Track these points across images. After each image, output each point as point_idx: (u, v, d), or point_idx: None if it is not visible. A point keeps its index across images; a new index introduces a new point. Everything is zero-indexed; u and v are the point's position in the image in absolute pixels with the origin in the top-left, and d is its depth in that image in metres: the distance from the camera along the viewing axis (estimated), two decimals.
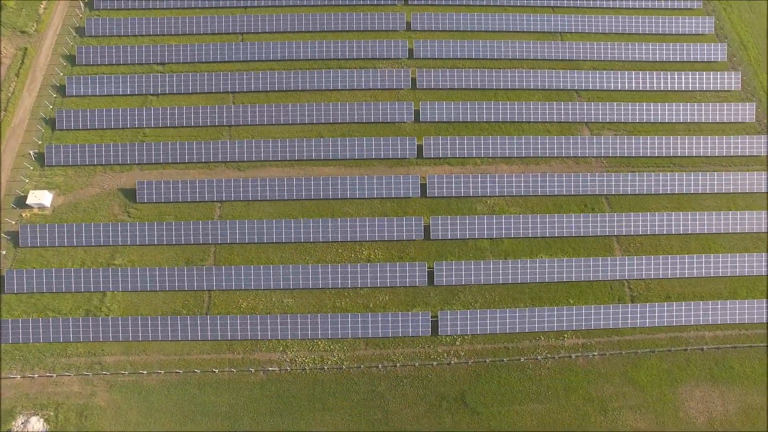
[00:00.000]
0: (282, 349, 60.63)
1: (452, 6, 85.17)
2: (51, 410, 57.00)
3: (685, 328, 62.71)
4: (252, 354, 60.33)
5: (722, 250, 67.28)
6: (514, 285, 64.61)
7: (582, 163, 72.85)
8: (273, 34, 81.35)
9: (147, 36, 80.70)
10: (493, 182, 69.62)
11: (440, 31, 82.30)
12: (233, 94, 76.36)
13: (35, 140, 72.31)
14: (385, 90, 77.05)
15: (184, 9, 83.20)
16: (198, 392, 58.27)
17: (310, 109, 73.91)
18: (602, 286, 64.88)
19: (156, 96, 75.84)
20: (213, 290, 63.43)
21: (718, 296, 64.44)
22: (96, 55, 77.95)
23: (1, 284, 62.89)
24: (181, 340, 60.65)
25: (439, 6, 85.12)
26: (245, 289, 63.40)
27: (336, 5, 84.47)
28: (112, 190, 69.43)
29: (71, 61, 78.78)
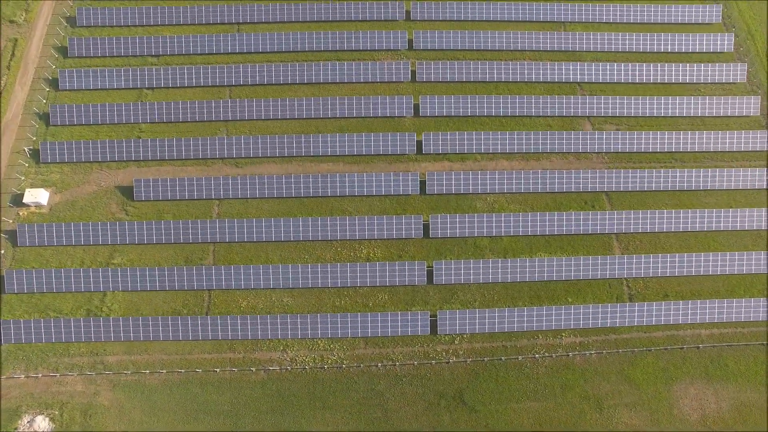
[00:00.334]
0: (282, 349, 61.25)
1: None
2: (56, 409, 57.91)
3: (682, 327, 63.27)
4: (253, 353, 60.96)
5: (721, 248, 67.31)
6: (513, 284, 64.86)
7: (583, 159, 72.17)
8: (269, 24, 79.40)
9: (140, 26, 78.74)
10: (493, 179, 69.10)
11: (440, 21, 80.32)
12: (230, 88, 75.00)
13: (29, 136, 71.38)
14: (384, 83, 75.68)
15: None
16: (200, 391, 59.13)
17: (308, 104, 72.73)
18: (601, 285, 65.16)
19: (151, 90, 74.50)
20: (213, 290, 63.66)
21: (716, 294, 64.79)
22: (88, 47, 76.22)
23: (1, 284, 63.05)
24: (183, 340, 61.19)
25: None
26: (245, 289, 63.63)
27: None
28: (109, 188, 68.90)
29: (63, 53, 77.06)
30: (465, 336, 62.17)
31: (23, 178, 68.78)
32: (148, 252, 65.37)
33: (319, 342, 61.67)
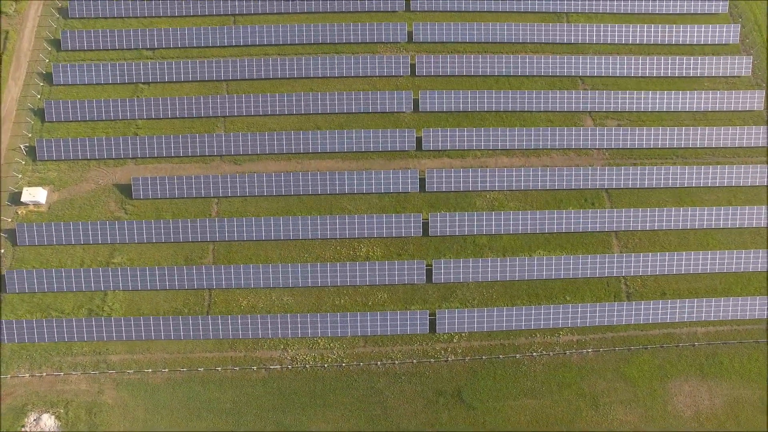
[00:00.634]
0: (283, 347, 61.97)
1: None
2: (61, 407, 58.92)
3: (679, 325, 63.93)
4: (254, 352, 61.71)
5: (720, 246, 67.46)
6: (512, 282, 65.24)
7: (583, 155, 71.69)
8: (266, 16, 77.68)
9: (134, 18, 77.06)
10: (493, 176, 68.77)
11: (440, 12, 78.60)
12: (227, 83, 73.92)
13: (25, 133, 70.63)
14: (384, 78, 74.56)
15: None
16: (202, 389, 60.06)
17: (306, 99, 71.82)
18: (599, 283, 65.55)
19: (147, 85, 73.42)
20: (213, 289, 64.04)
21: (713, 292, 65.26)
22: (82, 40, 74.77)
23: (2, 284, 63.34)
24: (184, 339, 61.82)
25: None
26: (245, 288, 64.00)
27: None
28: (107, 186, 68.57)
29: (56, 46, 75.64)
30: (463, 334, 62.85)
31: (20, 176, 68.38)
32: (148, 251, 65.49)
33: (320, 341, 62.36)
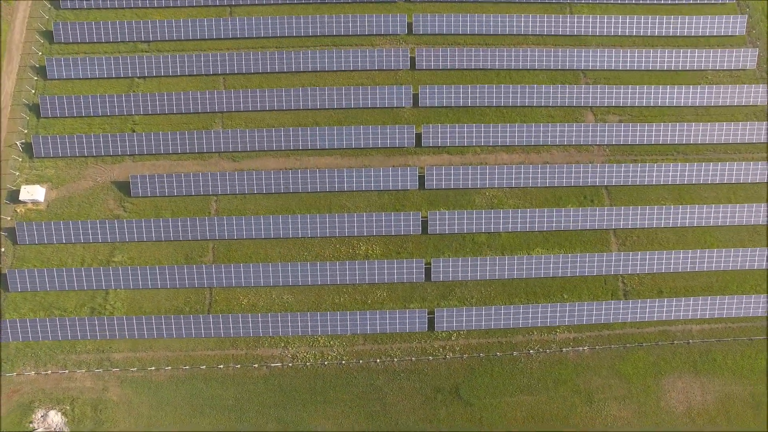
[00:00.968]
0: (284, 345, 62.90)
1: None
2: (67, 404, 60.18)
3: (674, 323, 64.76)
4: (255, 350, 62.67)
5: (718, 244, 67.72)
6: (510, 280, 65.75)
7: (584, 152, 71.25)
8: (263, 7, 75.92)
9: (128, 9, 75.32)
10: (492, 174, 68.50)
11: (441, 2, 76.83)
12: (224, 77, 72.83)
13: (21, 129, 69.99)
14: (383, 71, 73.44)
15: None
16: (205, 387, 61.24)
17: (305, 95, 70.91)
18: (596, 281, 66.08)
19: (143, 79, 72.35)
20: (214, 287, 64.58)
21: (709, 290, 65.88)
22: (75, 32, 73.28)
23: (4, 283, 63.79)
24: (186, 338, 62.68)
25: None
26: (245, 286, 64.54)
27: None
28: (106, 184, 68.35)
29: (49, 38, 74.19)
30: (462, 332, 63.71)
31: (17, 174, 68.07)
32: (149, 249, 65.76)
33: (320, 339, 63.26)
